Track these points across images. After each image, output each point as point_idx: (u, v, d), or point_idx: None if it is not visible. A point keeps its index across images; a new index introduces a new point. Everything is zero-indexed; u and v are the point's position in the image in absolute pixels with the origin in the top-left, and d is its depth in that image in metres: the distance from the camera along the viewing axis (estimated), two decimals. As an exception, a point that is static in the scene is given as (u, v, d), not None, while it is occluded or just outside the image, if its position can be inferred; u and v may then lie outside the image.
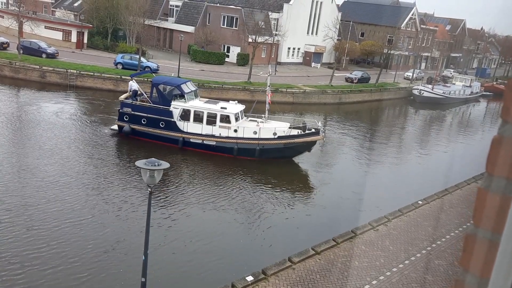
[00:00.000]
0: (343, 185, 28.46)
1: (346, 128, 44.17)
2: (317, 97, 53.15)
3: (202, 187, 25.03)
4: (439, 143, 45.20)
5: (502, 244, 1.29)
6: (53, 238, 17.63)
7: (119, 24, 60.26)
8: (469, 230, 1.36)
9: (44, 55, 48.30)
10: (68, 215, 19.56)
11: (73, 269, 15.87)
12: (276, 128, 29.75)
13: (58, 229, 18.34)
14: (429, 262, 17.36)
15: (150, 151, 27.77)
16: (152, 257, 14.20)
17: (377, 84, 63.17)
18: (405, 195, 25.90)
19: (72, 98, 41.05)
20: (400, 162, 36.10)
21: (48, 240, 17.44)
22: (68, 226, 18.67)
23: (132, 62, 48.65)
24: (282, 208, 23.51)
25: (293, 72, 64.62)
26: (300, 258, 16.32)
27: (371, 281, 15.48)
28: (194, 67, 55.56)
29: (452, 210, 23.32)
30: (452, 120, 62.04)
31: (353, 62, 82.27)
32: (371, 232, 19.29)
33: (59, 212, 19.69)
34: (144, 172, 10.63)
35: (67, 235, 17.98)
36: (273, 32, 61.99)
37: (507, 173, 1.33)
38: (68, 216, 19.45)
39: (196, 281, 16.30)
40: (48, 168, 24.55)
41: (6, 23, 51.48)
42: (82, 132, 31.69)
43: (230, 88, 47.24)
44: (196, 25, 65.17)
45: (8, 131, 30.09)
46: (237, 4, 66.39)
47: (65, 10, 69.49)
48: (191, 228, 20.04)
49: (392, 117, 59.28)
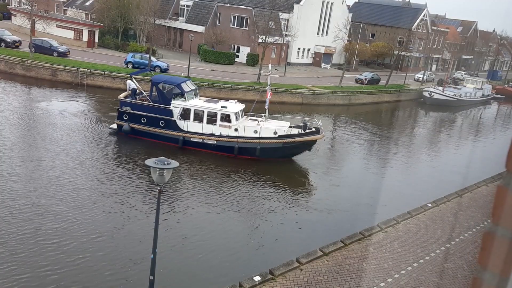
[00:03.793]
0: (352, 186, 28.34)
1: (355, 129, 43.99)
2: (326, 98, 53.00)
3: (204, 186, 24.93)
4: (449, 145, 44.87)
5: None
6: (55, 235, 17.74)
7: (130, 23, 60.59)
8: (487, 227, 1.34)
9: (55, 53, 48.68)
10: (68, 213, 19.68)
11: (79, 267, 15.95)
12: (276, 127, 29.64)
13: (59, 227, 18.47)
14: (437, 265, 17.23)
15: (150, 151, 27.65)
16: (159, 256, 14.23)
17: (387, 86, 62.86)
18: (415, 197, 25.73)
19: (82, 96, 41.29)
20: (410, 164, 35.87)
21: (53, 237, 17.57)
22: (71, 224, 18.78)
23: (143, 61, 48.86)
24: (288, 208, 23.44)
25: (303, 72, 64.50)
26: (308, 259, 16.26)
27: (379, 283, 15.39)
28: (204, 67, 55.67)
29: (461, 213, 23.11)
30: (463, 123, 61.53)
31: (363, 63, 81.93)
32: (379, 234, 19.18)
33: (57, 212, 19.82)
34: (153, 170, 10.65)
35: (69, 233, 18.08)
36: (283, 33, 61.91)
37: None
38: (68, 214, 19.57)
39: (204, 281, 16.31)
40: (42, 166, 24.47)
41: (19, 21, 51.98)
42: (83, 131, 31.24)
43: (239, 88, 47.27)
44: (206, 25, 65.31)
45: (11, 127, 30.04)
46: (248, 4, 66.40)
47: (76, 9, 70.01)
48: (195, 228, 20.03)
49: (401, 119, 58.93)
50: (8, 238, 17.01)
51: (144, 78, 41.01)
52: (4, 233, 17.32)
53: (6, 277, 14.81)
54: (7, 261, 15.63)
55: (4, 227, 17.78)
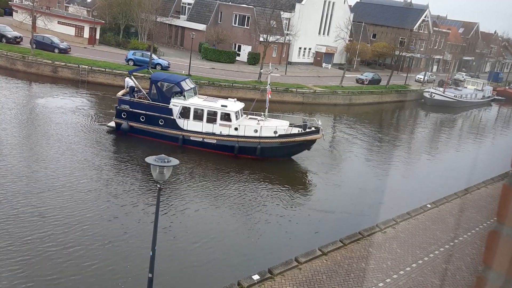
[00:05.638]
0: (351, 186, 28.32)
1: (355, 130, 43.97)
2: (327, 98, 52.97)
3: (204, 186, 24.90)
4: (449, 146, 44.86)
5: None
6: (56, 233, 17.75)
7: (131, 20, 60.55)
8: (493, 227, 1.33)
9: (56, 50, 48.63)
10: (65, 208, 19.69)
11: (78, 264, 15.95)
12: (277, 126, 29.60)
13: (56, 225, 18.47)
14: (436, 266, 17.23)
15: (149, 149, 27.49)
16: (158, 254, 14.22)
17: (388, 86, 62.84)
18: (414, 198, 25.72)
19: (82, 93, 41.24)
20: (409, 165, 35.87)
21: (53, 234, 17.57)
22: (68, 219, 18.79)
23: (144, 59, 48.82)
24: (287, 208, 23.44)
25: (304, 72, 64.45)
26: (306, 258, 16.27)
27: (378, 283, 15.40)
28: (205, 65, 55.63)
29: (461, 214, 23.12)
30: (463, 124, 61.52)
31: (364, 63, 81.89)
32: (378, 235, 19.19)
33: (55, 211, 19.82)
34: (153, 168, 10.63)
35: (66, 228, 18.08)
36: (284, 32, 61.86)
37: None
38: (67, 214, 19.57)
39: (202, 279, 16.30)
40: (37, 164, 24.45)
41: (20, 17, 51.83)
42: (81, 128, 30.99)
43: (240, 87, 47.24)
44: (207, 23, 65.26)
45: (9, 123, 30.02)
46: (249, 3, 66.35)
47: (78, 6, 69.99)
48: (195, 227, 20.04)
49: (402, 120, 58.92)
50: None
51: (144, 75, 41.00)
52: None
53: (5, 276, 14.82)
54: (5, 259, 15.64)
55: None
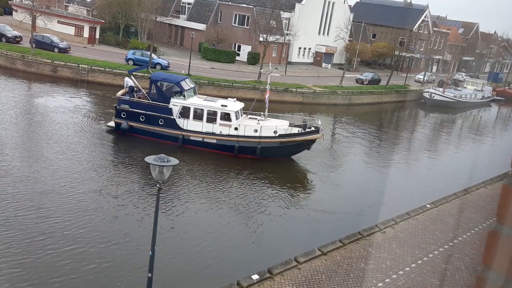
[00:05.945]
0: (351, 186, 28.33)
1: (355, 129, 43.98)
2: (327, 98, 52.98)
3: (204, 185, 24.90)
4: (449, 147, 44.87)
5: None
6: (56, 233, 17.75)
7: (131, 20, 60.53)
8: (492, 227, 1.33)
9: (56, 49, 48.59)
10: (65, 209, 19.68)
11: (78, 264, 15.95)
12: (277, 126, 29.59)
13: (56, 225, 18.47)
14: (436, 266, 17.24)
15: (149, 149, 27.43)
16: (157, 253, 14.23)
17: (388, 86, 62.85)
18: (413, 198, 25.73)
19: (82, 93, 41.22)
20: (409, 165, 35.89)
21: (53, 234, 17.58)
22: (68, 219, 18.78)
23: (143, 58, 48.81)
24: (287, 208, 23.45)
25: (303, 72, 64.46)
26: (306, 258, 16.28)
27: (377, 283, 15.40)
28: (205, 65, 55.63)
29: (460, 215, 23.13)
30: (462, 124, 61.54)
31: (364, 63, 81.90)
32: (378, 235, 19.20)
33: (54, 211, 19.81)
34: (153, 168, 10.63)
35: (66, 228, 18.09)
36: (284, 32, 61.86)
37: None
38: (68, 213, 19.56)
39: (202, 279, 16.31)
40: (35, 164, 24.43)
41: (20, 17, 51.81)
42: (80, 128, 30.94)
43: (240, 87, 47.24)
44: (207, 23, 65.25)
45: (9, 123, 30.05)
46: (249, 3, 66.35)
47: (78, 5, 69.96)
48: (194, 226, 20.04)
49: (401, 120, 58.94)
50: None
51: (144, 75, 40.98)
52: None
53: (6, 278, 14.82)
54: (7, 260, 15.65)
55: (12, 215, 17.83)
